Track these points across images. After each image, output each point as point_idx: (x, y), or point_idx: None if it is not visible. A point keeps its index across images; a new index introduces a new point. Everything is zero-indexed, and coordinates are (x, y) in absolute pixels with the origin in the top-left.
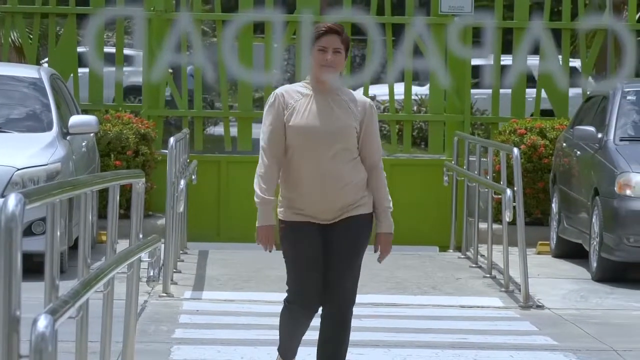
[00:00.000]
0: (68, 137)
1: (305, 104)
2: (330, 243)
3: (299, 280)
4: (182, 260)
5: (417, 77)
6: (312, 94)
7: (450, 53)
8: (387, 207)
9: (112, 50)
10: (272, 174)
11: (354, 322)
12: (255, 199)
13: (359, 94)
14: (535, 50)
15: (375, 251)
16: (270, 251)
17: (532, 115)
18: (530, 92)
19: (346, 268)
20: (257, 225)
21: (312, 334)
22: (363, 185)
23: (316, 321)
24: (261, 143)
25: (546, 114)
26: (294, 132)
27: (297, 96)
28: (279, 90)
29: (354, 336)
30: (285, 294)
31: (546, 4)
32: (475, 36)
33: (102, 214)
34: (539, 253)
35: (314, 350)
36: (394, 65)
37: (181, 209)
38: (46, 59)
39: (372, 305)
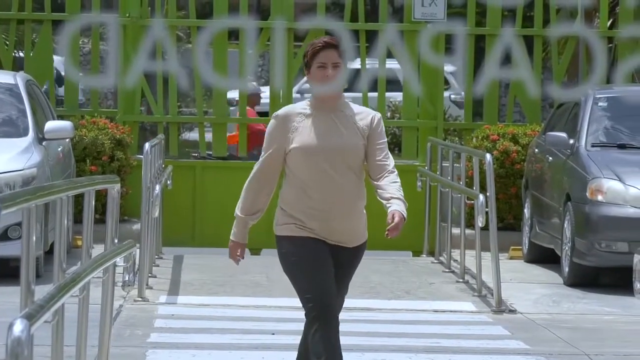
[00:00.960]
0: (44, 143)
1: (309, 123)
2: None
3: (313, 283)
4: (157, 265)
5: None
6: (314, 113)
7: (423, 59)
8: (399, 197)
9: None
10: (257, 197)
11: None
12: (236, 212)
13: (363, 107)
14: (507, 58)
15: (389, 224)
16: (237, 264)
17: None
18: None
19: (341, 288)
20: (230, 237)
21: (285, 338)
22: (364, 210)
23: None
24: (259, 162)
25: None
26: (298, 153)
27: (299, 117)
28: (280, 112)
29: None
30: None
31: (518, 11)
32: (449, 43)
33: (77, 219)
34: (511, 258)
35: (288, 355)
36: (367, 71)
37: (156, 214)
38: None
39: (346, 309)
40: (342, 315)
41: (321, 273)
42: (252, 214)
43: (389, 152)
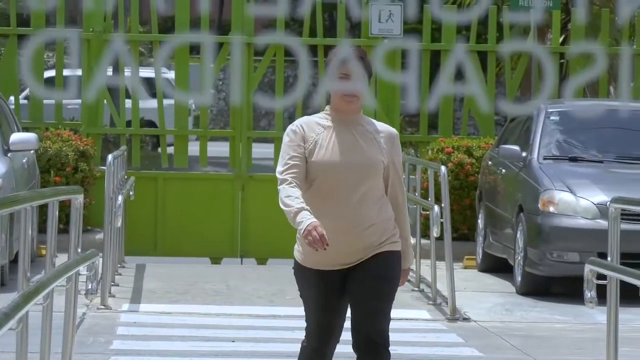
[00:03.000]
0: (9, 154)
1: (328, 137)
2: (355, 283)
3: (316, 323)
4: (120, 274)
5: None
6: (333, 126)
7: (379, 74)
8: (407, 242)
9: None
10: (297, 191)
11: (287, 334)
12: (289, 216)
13: (383, 124)
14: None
15: None
16: (326, 246)
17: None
18: None
19: (374, 309)
20: (301, 231)
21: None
22: (391, 224)
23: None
24: (278, 175)
25: None
26: (318, 169)
27: (318, 129)
28: (298, 122)
29: (286, 348)
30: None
31: (473, 27)
32: (404, 58)
33: (42, 229)
34: (465, 267)
35: None
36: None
37: (119, 224)
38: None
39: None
40: (299, 323)
41: (324, 314)
42: (301, 201)
43: (402, 181)
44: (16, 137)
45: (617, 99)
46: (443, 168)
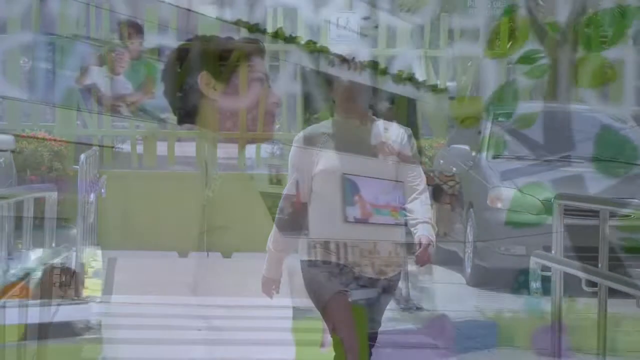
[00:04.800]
0: None
1: (334, 144)
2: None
3: (336, 317)
4: (92, 267)
5: None
6: (338, 133)
7: None
8: (426, 221)
9: None
10: (289, 227)
11: (249, 323)
12: (267, 246)
13: (391, 123)
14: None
15: (416, 251)
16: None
17: None
18: None
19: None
20: (263, 273)
21: None
22: (398, 234)
23: None
24: (284, 192)
25: None
26: (323, 176)
27: (323, 138)
28: (302, 133)
29: (250, 335)
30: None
31: (425, 33)
32: None
33: (18, 225)
34: None
35: (213, 349)
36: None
37: (91, 220)
38: None
39: (267, 307)
40: (262, 313)
41: (344, 305)
42: (283, 249)
43: (421, 170)
44: None
45: (561, 101)
46: None
